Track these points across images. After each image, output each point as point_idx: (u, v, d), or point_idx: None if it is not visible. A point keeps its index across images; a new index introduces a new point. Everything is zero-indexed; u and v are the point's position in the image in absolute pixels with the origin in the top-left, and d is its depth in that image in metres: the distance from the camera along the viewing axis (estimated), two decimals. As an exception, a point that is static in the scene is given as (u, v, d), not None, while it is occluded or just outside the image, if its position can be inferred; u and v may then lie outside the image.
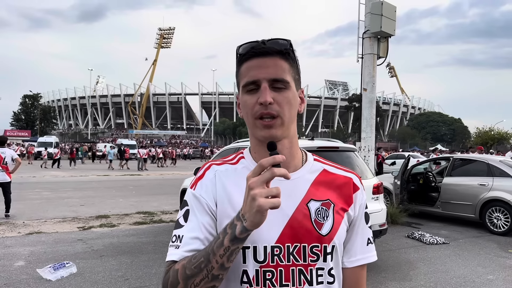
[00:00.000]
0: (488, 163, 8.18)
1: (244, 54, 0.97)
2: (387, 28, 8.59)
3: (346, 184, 1.06)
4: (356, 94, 66.50)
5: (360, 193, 1.07)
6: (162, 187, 15.60)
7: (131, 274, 4.94)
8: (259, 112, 0.93)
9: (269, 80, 0.94)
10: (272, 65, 0.94)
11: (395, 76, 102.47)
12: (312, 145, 5.24)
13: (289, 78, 0.96)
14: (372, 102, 8.94)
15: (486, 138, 46.94)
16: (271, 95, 0.93)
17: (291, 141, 1.01)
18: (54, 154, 26.94)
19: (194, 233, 0.95)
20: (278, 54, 0.95)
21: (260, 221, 0.80)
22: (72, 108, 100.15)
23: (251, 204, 0.79)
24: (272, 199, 0.79)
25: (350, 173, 1.09)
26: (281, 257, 0.95)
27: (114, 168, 26.25)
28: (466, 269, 5.40)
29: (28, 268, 5.06)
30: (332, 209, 1.01)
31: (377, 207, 5.40)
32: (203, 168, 1.06)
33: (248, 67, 0.96)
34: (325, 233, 0.98)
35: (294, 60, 1.00)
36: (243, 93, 0.98)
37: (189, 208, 0.99)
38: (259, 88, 0.94)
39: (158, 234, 7.09)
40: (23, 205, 9.89)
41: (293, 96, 0.97)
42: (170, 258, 0.95)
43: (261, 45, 0.96)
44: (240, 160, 1.06)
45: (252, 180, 0.80)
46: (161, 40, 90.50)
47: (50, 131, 65.83)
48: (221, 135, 73.61)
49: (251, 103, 0.95)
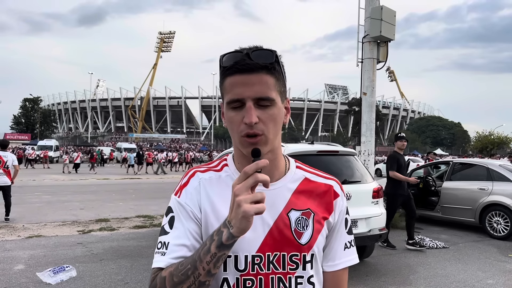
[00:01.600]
0: (487, 167, 8.19)
1: (228, 68, 0.94)
2: (386, 33, 8.63)
3: (327, 192, 1.08)
4: (356, 98, 66.52)
5: (340, 199, 1.09)
6: (161, 190, 15.57)
7: (131, 278, 4.93)
8: (245, 131, 0.92)
9: (254, 98, 0.92)
10: (257, 83, 0.92)
11: (395, 80, 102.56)
12: (312, 149, 5.25)
13: (274, 95, 0.94)
14: (372, 106, 8.96)
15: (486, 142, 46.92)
16: (256, 113, 0.92)
17: (274, 153, 1.01)
18: (74, 158, 26.15)
19: (180, 240, 0.96)
20: (263, 70, 0.92)
21: (246, 227, 0.81)
22: (72, 112, 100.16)
23: (237, 211, 0.80)
24: (256, 205, 0.80)
25: (331, 180, 1.11)
26: (261, 266, 0.97)
27: (136, 172, 25.97)
28: (466, 273, 5.40)
29: (28, 271, 5.06)
30: (312, 218, 1.03)
31: (377, 211, 5.40)
32: (187, 175, 1.06)
33: (232, 83, 0.93)
34: (304, 242, 1.00)
35: (280, 72, 0.97)
36: (227, 109, 0.96)
37: (174, 215, 1.00)
38: (243, 106, 0.92)
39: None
40: (23, 209, 9.88)
41: (278, 112, 0.96)
42: (156, 265, 0.95)
43: (245, 61, 0.92)
44: (224, 167, 1.07)
45: (237, 187, 0.81)
46: (162, 44, 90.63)
47: (50, 134, 65.75)
48: (221, 139, 73.60)
49: (236, 120, 0.94)
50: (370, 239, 5.34)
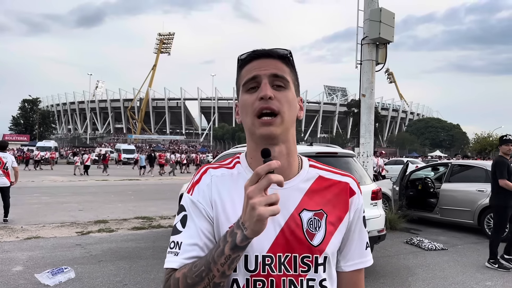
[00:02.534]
0: (486, 169, 8.19)
1: (245, 58, 0.99)
2: (385, 35, 8.65)
3: (342, 190, 1.05)
4: (355, 99, 66.66)
5: (357, 197, 1.06)
6: (160, 192, 15.57)
7: (130, 279, 4.93)
8: (259, 106, 0.93)
9: (270, 76, 0.95)
10: (272, 64, 0.96)
11: (394, 82, 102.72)
12: (311, 151, 5.26)
13: (289, 78, 0.98)
14: (370, 108, 8.97)
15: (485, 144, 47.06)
16: (272, 92, 0.94)
17: (289, 148, 1.00)
18: (85, 159, 25.66)
19: (193, 240, 0.95)
20: (279, 58, 0.97)
21: (261, 229, 0.81)
22: (71, 113, 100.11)
23: (251, 213, 0.79)
24: (271, 207, 0.79)
25: (347, 177, 1.08)
26: (272, 267, 0.95)
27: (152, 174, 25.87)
28: (465, 275, 5.40)
29: (26, 273, 5.05)
30: (324, 219, 1.00)
31: (375, 213, 5.41)
32: (199, 172, 1.05)
33: (249, 68, 0.97)
34: (317, 243, 0.97)
35: (293, 67, 1.01)
36: (243, 93, 0.98)
37: (186, 214, 0.99)
38: (259, 86, 0.95)
39: (156, 239, 7.08)
40: (22, 210, 9.87)
41: (293, 98, 0.98)
42: (170, 266, 0.94)
43: (261, 50, 0.98)
44: (236, 165, 1.05)
45: (250, 189, 0.80)
46: (161, 45, 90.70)
47: (49, 135, 65.68)
48: (220, 140, 73.55)
49: (251, 100, 0.95)
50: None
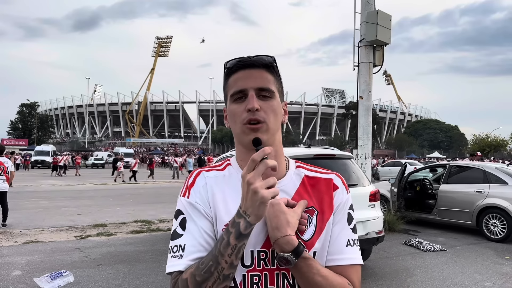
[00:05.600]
0: (484, 170, 8.22)
1: (231, 67, 1.03)
2: (382, 37, 8.69)
3: (326, 186, 1.09)
4: (353, 101, 66.68)
5: (340, 191, 1.08)
6: (159, 195, 15.55)
7: (129, 283, 4.92)
8: (247, 118, 0.98)
9: (256, 89, 0.99)
10: (258, 76, 1.00)
11: (392, 83, 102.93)
12: (309, 153, 5.28)
13: (274, 88, 1.02)
14: (368, 109, 9.00)
15: (483, 145, 47.14)
16: (258, 103, 0.98)
17: (276, 151, 1.04)
18: (132, 165, 23.98)
19: (196, 241, 0.96)
20: (264, 67, 1.02)
21: (263, 212, 0.86)
22: (70, 117, 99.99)
23: (253, 198, 0.84)
24: (272, 189, 0.86)
25: (331, 174, 1.12)
26: (266, 262, 0.98)
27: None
28: (464, 276, 5.41)
29: (25, 277, 5.04)
30: (315, 216, 1.04)
31: (374, 214, 5.42)
32: (192, 176, 1.08)
33: (236, 78, 1.01)
34: (307, 238, 1.00)
35: (278, 74, 1.06)
36: (230, 103, 1.02)
37: (185, 216, 1.00)
38: (246, 97, 0.99)
39: (155, 243, 7.08)
40: (20, 214, 9.84)
41: (277, 105, 1.03)
42: (176, 269, 0.95)
43: (247, 59, 1.02)
44: (227, 167, 1.10)
45: (249, 175, 0.86)
46: (159, 48, 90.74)
47: (47, 140, 65.62)
48: (219, 143, 73.54)
49: (239, 111, 1.00)
50: (367, 242, 5.36)
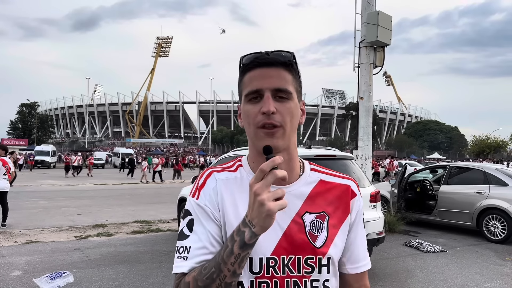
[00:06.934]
0: (484, 171, 8.22)
1: (248, 64, 0.97)
2: (383, 38, 8.68)
3: (343, 192, 1.06)
4: (353, 102, 66.69)
5: (357, 199, 1.08)
6: (159, 196, 15.55)
7: (128, 283, 4.91)
8: (262, 122, 0.93)
9: (272, 89, 0.93)
10: (275, 76, 0.94)
11: (392, 84, 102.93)
12: (309, 154, 5.27)
13: (291, 89, 0.96)
14: (369, 110, 9.00)
15: (483, 146, 47.14)
16: (274, 105, 0.93)
17: (290, 154, 1.00)
18: (155, 165, 23.93)
19: (202, 243, 0.95)
20: (282, 65, 0.95)
21: (269, 224, 0.82)
22: (70, 117, 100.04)
23: (260, 209, 0.80)
24: (279, 202, 0.81)
25: (348, 180, 1.09)
26: (276, 269, 0.96)
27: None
28: (464, 277, 5.40)
29: (25, 277, 5.04)
30: (326, 221, 1.01)
31: (374, 215, 5.41)
32: (203, 176, 1.05)
33: (251, 77, 0.95)
34: (319, 245, 0.99)
35: (297, 72, 1.00)
36: (245, 102, 0.97)
37: (193, 218, 0.98)
38: (261, 98, 0.94)
39: (155, 243, 7.07)
40: (20, 214, 9.84)
41: (295, 107, 0.97)
42: (180, 270, 0.94)
43: (264, 56, 0.95)
44: (239, 168, 1.06)
45: (256, 186, 0.81)
46: (159, 49, 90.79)
47: (47, 139, 65.59)
48: (219, 144, 73.54)
49: (253, 112, 0.94)
50: (367, 243, 5.32)
